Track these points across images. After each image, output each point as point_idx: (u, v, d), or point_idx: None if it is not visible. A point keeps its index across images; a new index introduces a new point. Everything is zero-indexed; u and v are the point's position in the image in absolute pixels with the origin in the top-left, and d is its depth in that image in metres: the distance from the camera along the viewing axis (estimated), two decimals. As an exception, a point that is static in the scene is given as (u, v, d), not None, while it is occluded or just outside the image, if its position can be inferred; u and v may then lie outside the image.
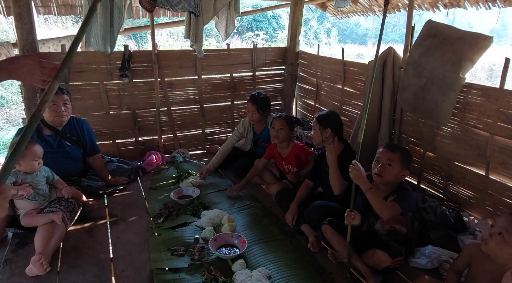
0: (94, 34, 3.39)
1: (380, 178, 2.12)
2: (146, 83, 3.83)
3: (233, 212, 2.86)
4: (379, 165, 2.14)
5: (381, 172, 2.11)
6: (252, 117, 3.45)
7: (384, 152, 2.16)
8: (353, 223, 2.04)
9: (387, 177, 2.12)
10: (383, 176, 2.11)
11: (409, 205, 2.10)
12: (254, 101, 3.40)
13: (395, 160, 2.11)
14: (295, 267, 2.24)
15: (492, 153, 2.39)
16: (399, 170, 2.12)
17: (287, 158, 3.12)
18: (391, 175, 2.12)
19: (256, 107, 3.39)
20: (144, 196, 3.16)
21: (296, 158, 3.04)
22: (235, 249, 2.38)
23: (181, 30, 16.47)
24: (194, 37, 3.74)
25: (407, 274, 2.21)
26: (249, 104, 3.44)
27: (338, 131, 2.63)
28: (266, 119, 3.55)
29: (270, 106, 3.52)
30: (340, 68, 3.73)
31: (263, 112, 3.43)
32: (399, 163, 2.11)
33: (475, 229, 2.43)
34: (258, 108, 3.39)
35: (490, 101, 2.36)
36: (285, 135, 3.05)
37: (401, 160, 2.12)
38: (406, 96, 2.81)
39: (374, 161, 2.18)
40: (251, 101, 3.42)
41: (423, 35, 2.70)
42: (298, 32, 4.41)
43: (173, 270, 2.20)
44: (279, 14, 18.32)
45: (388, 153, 2.14)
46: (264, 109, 3.43)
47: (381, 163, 2.13)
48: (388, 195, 2.15)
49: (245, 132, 3.62)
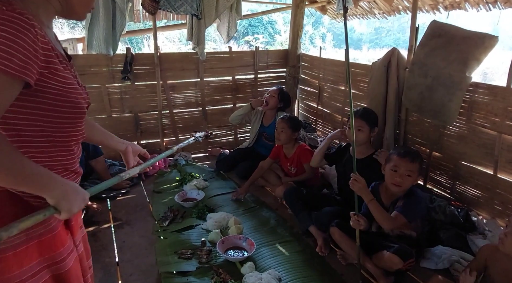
0: (96, 37, 3.37)
1: (399, 188, 2.08)
2: (148, 86, 3.80)
3: (239, 215, 2.82)
4: (397, 174, 2.07)
5: (400, 183, 2.06)
6: (269, 99, 3.57)
7: (404, 163, 2.06)
8: (359, 228, 2.00)
9: (405, 188, 2.09)
10: (402, 186, 2.07)
11: (416, 212, 2.08)
12: (279, 88, 3.64)
13: (415, 170, 2.06)
14: (305, 269, 2.22)
15: (500, 152, 2.39)
16: (416, 178, 2.10)
17: (291, 159, 3.12)
18: (409, 185, 2.09)
19: (278, 92, 3.57)
20: (148, 199, 3.12)
21: (298, 159, 3.03)
22: (244, 251, 2.35)
23: (176, 34, 16.53)
24: (196, 39, 3.74)
25: (418, 274, 2.18)
26: (273, 89, 3.63)
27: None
28: (275, 115, 3.58)
29: (288, 103, 3.69)
30: (343, 70, 3.73)
31: (280, 100, 3.58)
32: (417, 172, 2.07)
33: (484, 229, 2.42)
34: (279, 94, 3.56)
35: (498, 100, 2.36)
36: (287, 137, 3.06)
37: (419, 170, 2.08)
38: (411, 96, 2.80)
39: (391, 169, 2.10)
40: (277, 87, 3.67)
41: (428, 35, 2.70)
42: (300, 34, 4.41)
43: (181, 273, 2.16)
44: (274, 19, 18.43)
45: (408, 164, 2.05)
46: (282, 99, 3.59)
47: (400, 173, 2.06)
48: (397, 200, 2.13)
49: (253, 116, 3.73)
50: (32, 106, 0.90)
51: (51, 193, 0.87)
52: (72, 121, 1.01)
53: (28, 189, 0.86)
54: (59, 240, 1.01)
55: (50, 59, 0.90)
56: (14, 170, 0.81)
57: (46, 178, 0.88)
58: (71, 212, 0.91)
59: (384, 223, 2.04)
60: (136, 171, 1.25)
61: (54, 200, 0.87)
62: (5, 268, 0.89)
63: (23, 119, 0.90)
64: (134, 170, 1.24)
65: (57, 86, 0.93)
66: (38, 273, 0.96)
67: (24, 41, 0.80)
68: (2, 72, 0.77)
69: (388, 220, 2.01)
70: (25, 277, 0.92)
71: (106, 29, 3.32)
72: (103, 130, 1.32)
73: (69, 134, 1.01)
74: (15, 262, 0.90)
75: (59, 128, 0.97)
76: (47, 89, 0.91)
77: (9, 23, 0.79)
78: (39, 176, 0.86)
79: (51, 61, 0.91)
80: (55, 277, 1.01)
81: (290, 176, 3.23)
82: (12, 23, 0.79)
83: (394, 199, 2.15)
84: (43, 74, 0.88)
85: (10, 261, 0.89)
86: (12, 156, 0.80)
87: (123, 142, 1.35)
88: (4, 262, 0.88)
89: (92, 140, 1.28)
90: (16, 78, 0.80)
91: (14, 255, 0.90)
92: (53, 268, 1.00)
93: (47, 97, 0.92)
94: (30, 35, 0.82)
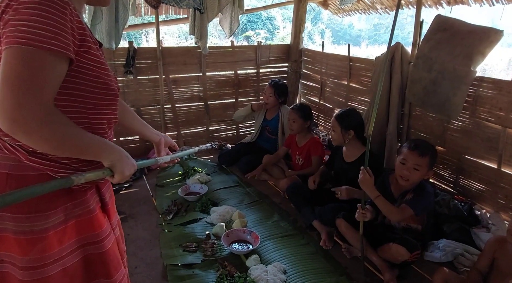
0: (99, 31, 3.34)
1: (406, 182, 2.07)
2: (151, 80, 3.79)
3: (242, 208, 2.83)
4: (405, 167, 2.05)
5: (407, 177, 2.04)
6: (268, 99, 3.56)
7: (413, 156, 2.03)
8: (364, 220, 2.01)
9: (413, 181, 2.07)
10: (410, 180, 2.05)
11: (424, 206, 2.07)
12: (273, 85, 3.56)
13: (423, 165, 2.02)
14: (310, 261, 2.23)
15: (505, 146, 2.40)
16: (425, 173, 2.07)
17: (301, 148, 3.15)
18: (417, 179, 2.06)
19: (273, 90, 3.52)
20: (151, 193, 3.11)
21: (307, 151, 3.04)
22: (248, 244, 2.35)
23: (176, 30, 16.48)
24: (199, 33, 3.72)
25: (422, 267, 2.20)
26: (268, 88, 3.58)
27: (360, 132, 2.57)
28: (279, 109, 3.60)
29: (287, 95, 3.66)
30: (346, 65, 3.72)
31: (279, 97, 3.54)
32: (426, 167, 2.04)
33: (488, 222, 2.43)
34: (275, 92, 3.52)
35: (503, 94, 2.37)
36: (299, 127, 3.11)
37: (428, 164, 2.04)
38: (415, 91, 2.80)
39: (400, 161, 2.08)
40: (270, 84, 3.58)
41: (433, 29, 2.70)
42: (302, 29, 4.40)
43: (186, 266, 2.16)
44: (273, 15, 18.38)
45: (417, 158, 2.02)
46: (280, 95, 3.56)
47: (407, 166, 2.04)
48: (407, 192, 2.13)
49: (256, 113, 3.76)
50: (69, 87, 0.92)
51: (109, 156, 0.97)
52: (106, 103, 1.03)
53: (89, 154, 0.95)
54: (97, 221, 1.07)
55: (84, 38, 0.92)
56: (76, 139, 0.89)
57: (103, 144, 0.97)
58: (123, 174, 0.99)
59: (391, 216, 2.04)
60: (167, 159, 1.39)
61: (111, 162, 0.97)
62: (46, 246, 0.95)
63: (61, 100, 0.92)
64: (166, 158, 1.39)
65: (92, 67, 0.95)
66: (76, 250, 1.02)
67: (63, 19, 0.83)
68: (50, 51, 0.80)
69: (396, 213, 2.01)
70: (64, 254, 0.99)
71: (109, 22, 3.30)
72: (142, 121, 1.42)
73: (103, 116, 1.04)
74: (55, 240, 0.97)
75: (93, 109, 1.00)
76: (83, 70, 0.93)
77: (47, 2, 0.81)
78: (97, 142, 0.95)
79: (86, 40, 0.93)
80: (93, 256, 1.06)
81: (295, 169, 3.24)
82: (50, 1, 0.81)
83: (404, 191, 2.14)
84: (79, 53, 0.91)
85: (51, 240, 0.96)
86: (72, 126, 0.88)
87: (158, 134, 1.44)
88: (46, 241, 0.95)
89: (132, 130, 1.38)
90: (62, 55, 0.83)
91: (55, 233, 0.97)
92: (92, 247, 1.05)
93: (83, 78, 0.94)
94: (67, 13, 0.84)
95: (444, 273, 1.82)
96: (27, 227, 0.94)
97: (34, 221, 0.94)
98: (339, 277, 2.07)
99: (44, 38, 0.79)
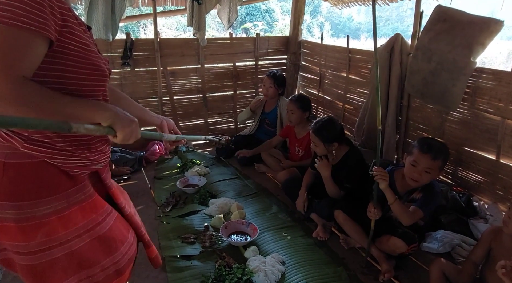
0: (95, 22, 3.31)
1: (416, 183, 2.01)
2: (148, 72, 3.76)
3: (240, 200, 2.83)
4: (416, 170, 1.97)
5: (417, 179, 1.98)
6: (267, 91, 3.56)
7: (425, 159, 1.94)
8: (375, 218, 1.98)
9: (422, 183, 2.01)
10: (419, 182, 2.00)
11: (432, 207, 2.05)
12: (271, 76, 3.56)
13: (435, 168, 1.95)
14: (308, 253, 2.23)
15: (503, 137, 2.39)
16: (437, 175, 2.03)
17: (300, 140, 3.14)
18: (428, 181, 2.01)
19: (273, 81, 3.53)
20: (150, 185, 3.11)
21: (307, 143, 3.04)
22: (247, 236, 2.36)
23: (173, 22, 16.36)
24: (197, 25, 3.68)
25: (419, 258, 2.21)
26: (266, 79, 3.58)
27: (342, 139, 2.51)
28: (278, 101, 3.61)
29: (285, 86, 3.68)
30: (345, 56, 3.70)
31: (278, 88, 3.56)
32: (438, 169, 1.98)
33: (486, 213, 2.44)
34: (274, 83, 3.53)
35: (502, 85, 2.35)
36: (297, 118, 3.10)
37: (440, 166, 1.98)
38: (414, 82, 2.79)
39: (410, 163, 2.00)
40: (269, 75, 3.58)
41: (433, 20, 2.67)
42: (301, 21, 4.37)
43: (185, 257, 2.17)
44: (272, 8, 18.27)
45: (429, 161, 1.93)
46: (280, 86, 3.57)
47: (418, 169, 1.96)
48: (413, 190, 2.11)
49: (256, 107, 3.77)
50: (53, 68, 0.92)
51: (104, 114, 0.93)
52: (94, 84, 1.03)
53: (79, 113, 0.91)
54: (99, 203, 1.13)
55: (67, 18, 0.92)
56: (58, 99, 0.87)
57: (93, 103, 0.96)
58: (125, 130, 0.96)
59: (405, 220, 1.97)
60: (173, 137, 1.37)
61: (108, 119, 0.93)
62: (51, 230, 0.99)
63: (50, 82, 0.92)
64: (171, 136, 1.37)
65: (76, 48, 0.95)
66: (83, 234, 1.06)
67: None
68: (23, 29, 0.81)
69: (409, 218, 1.96)
70: (71, 237, 1.03)
71: (105, 13, 3.26)
72: (140, 106, 1.42)
73: (94, 98, 1.04)
74: (60, 224, 1.01)
75: (81, 91, 0.99)
76: (68, 50, 0.93)
77: None
78: (85, 101, 0.94)
79: (68, 20, 0.92)
80: (99, 237, 1.09)
81: (294, 159, 3.23)
82: None
83: (410, 189, 2.11)
84: (63, 33, 0.91)
85: (54, 224, 1.00)
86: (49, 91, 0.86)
87: (158, 117, 1.43)
88: (49, 225, 0.99)
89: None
90: (38, 34, 0.83)
91: (58, 218, 1.00)
92: (97, 229, 1.09)
93: (67, 58, 0.94)
94: None
95: (441, 263, 1.83)
96: (29, 213, 0.96)
97: (36, 207, 0.96)
98: (337, 268, 2.08)
99: (15, 15, 0.80)
